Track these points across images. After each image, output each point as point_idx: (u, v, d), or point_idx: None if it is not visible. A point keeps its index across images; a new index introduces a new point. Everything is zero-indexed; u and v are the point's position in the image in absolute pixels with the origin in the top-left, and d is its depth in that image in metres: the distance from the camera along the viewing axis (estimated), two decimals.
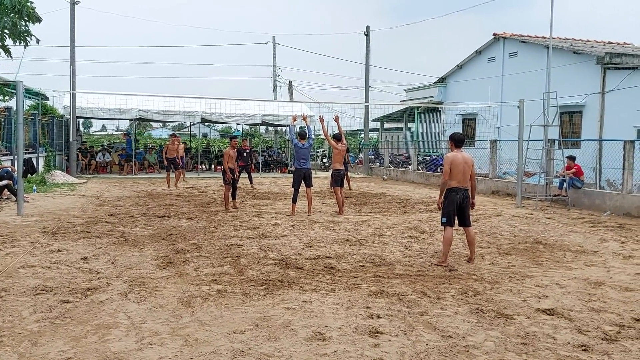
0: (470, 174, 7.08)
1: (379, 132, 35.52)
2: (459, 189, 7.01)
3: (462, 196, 7.03)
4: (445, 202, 7.07)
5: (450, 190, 7.03)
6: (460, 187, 7.02)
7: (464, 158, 7.06)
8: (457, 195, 7.00)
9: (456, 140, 7.18)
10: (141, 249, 7.65)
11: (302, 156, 11.44)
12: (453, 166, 6.98)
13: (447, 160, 7.06)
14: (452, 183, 7.02)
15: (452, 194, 7.02)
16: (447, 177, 7.03)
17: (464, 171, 7.01)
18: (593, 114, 17.83)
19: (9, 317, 4.70)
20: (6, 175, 12.82)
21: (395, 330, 4.54)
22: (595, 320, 4.89)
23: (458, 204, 7.02)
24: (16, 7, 13.34)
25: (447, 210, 7.04)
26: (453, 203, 7.02)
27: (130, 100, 22.33)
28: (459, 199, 7.01)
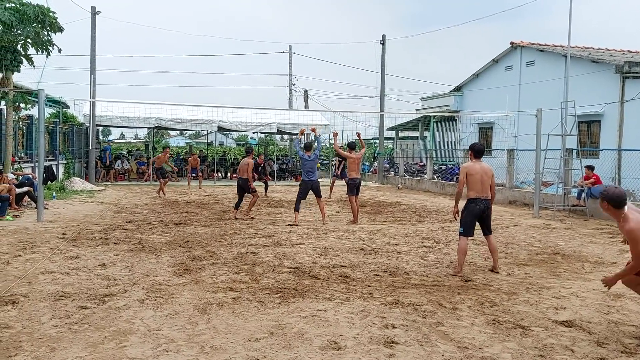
0: (490, 184, 7.02)
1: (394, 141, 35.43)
2: (479, 199, 6.95)
3: (483, 206, 6.98)
4: (465, 212, 7.03)
5: (470, 200, 6.99)
6: (480, 197, 6.96)
7: (482, 168, 7.00)
8: (476, 206, 6.95)
9: (475, 151, 7.12)
10: (158, 255, 7.72)
11: (309, 168, 11.33)
12: (469, 176, 6.95)
13: (462, 170, 7.06)
14: (470, 193, 6.99)
15: (471, 204, 6.98)
16: (460, 187, 7.03)
17: (482, 181, 6.94)
18: (612, 123, 17.61)
19: (28, 323, 4.77)
20: (27, 182, 13.06)
21: (410, 340, 4.52)
22: (615, 332, 4.82)
23: (478, 214, 6.98)
24: (39, 17, 13.65)
25: (465, 221, 7.00)
26: (472, 214, 6.97)
27: (149, 108, 22.61)
28: (480, 210, 6.96)
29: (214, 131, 26.25)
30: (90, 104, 21.65)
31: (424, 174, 23.68)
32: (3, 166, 13.73)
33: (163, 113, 22.95)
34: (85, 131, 23.44)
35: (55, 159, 18.98)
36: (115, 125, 25.27)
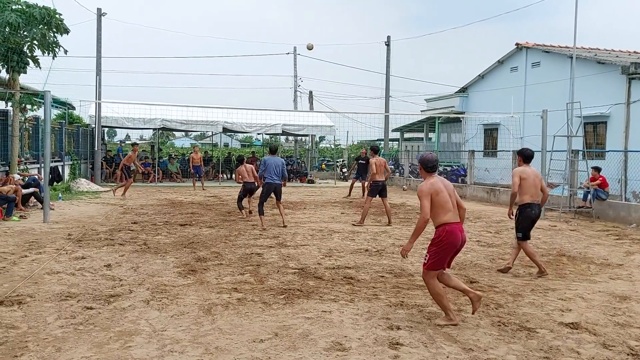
0: (540, 187, 7.09)
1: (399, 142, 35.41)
2: (533, 204, 7.02)
3: (537, 211, 7.09)
4: (520, 217, 7.08)
5: (526, 206, 7.02)
6: (534, 202, 7.03)
7: (533, 172, 7.12)
8: (532, 211, 7.02)
9: (525, 156, 7.20)
10: (163, 256, 7.74)
11: (274, 170, 10.92)
12: (523, 180, 6.96)
13: (516, 172, 7.05)
14: (525, 198, 7.01)
15: (527, 209, 7.02)
16: (516, 189, 6.98)
17: (535, 185, 7.02)
18: (618, 124, 17.52)
19: (34, 323, 4.79)
20: (33, 183, 13.12)
21: (415, 342, 4.51)
22: (621, 335, 4.79)
23: (534, 219, 7.09)
24: (45, 19, 13.71)
25: (523, 226, 7.07)
26: (529, 219, 7.06)
27: (154, 110, 22.69)
28: (535, 214, 7.07)
29: (219, 132, 26.30)
30: (96, 105, 21.75)
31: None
32: (9, 167, 13.80)
33: (168, 114, 23.01)
34: (91, 132, 23.54)
35: (61, 160, 19.07)
36: (121, 127, 25.39)
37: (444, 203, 4.98)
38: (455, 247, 5.01)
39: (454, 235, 4.94)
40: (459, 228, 5.02)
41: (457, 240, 4.97)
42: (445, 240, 4.95)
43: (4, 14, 13.08)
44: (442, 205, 4.98)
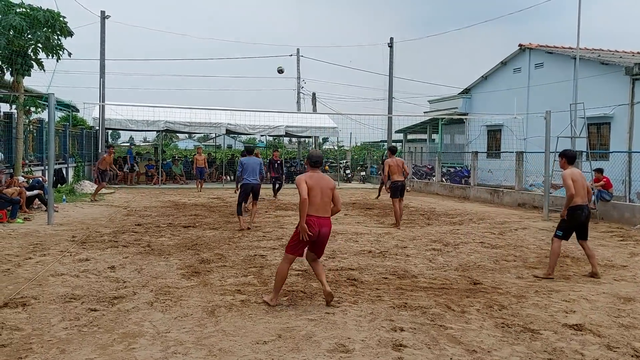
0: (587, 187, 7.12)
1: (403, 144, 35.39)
2: (584, 206, 6.99)
3: (587, 213, 7.06)
4: (569, 218, 7.01)
5: (576, 207, 6.95)
6: (584, 204, 7.00)
7: (580, 173, 7.11)
8: (582, 213, 6.98)
9: (569, 157, 7.16)
10: (167, 258, 7.75)
11: (251, 170, 10.86)
12: (574, 182, 6.93)
13: (567, 175, 6.99)
14: (577, 200, 6.94)
15: (577, 211, 6.96)
16: (573, 191, 6.88)
17: (584, 186, 7.02)
18: (622, 125, 17.49)
19: (38, 325, 4.81)
20: (37, 185, 13.17)
21: (418, 343, 4.51)
22: (625, 336, 4.78)
23: (582, 221, 7.03)
24: (49, 22, 13.78)
25: (567, 226, 7.02)
26: (577, 221, 7.00)
27: (158, 112, 22.74)
28: (584, 216, 7.02)
29: (222, 134, 26.34)
30: (99, 107, 21.82)
31: (432, 176, 23.62)
32: (14, 169, 13.85)
33: (172, 116, 23.07)
34: (94, 134, 23.62)
35: (65, 162, 19.13)
36: (125, 129, 25.43)
37: (313, 197, 5.40)
38: (310, 238, 5.38)
39: (310, 227, 5.35)
40: (320, 222, 5.40)
41: (312, 232, 5.36)
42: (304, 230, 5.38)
43: (8, 17, 13.15)
44: (311, 198, 5.42)
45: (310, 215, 5.38)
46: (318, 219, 5.41)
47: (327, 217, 5.49)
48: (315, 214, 5.41)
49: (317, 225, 5.39)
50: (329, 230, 5.52)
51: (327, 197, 5.47)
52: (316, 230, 5.38)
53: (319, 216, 5.42)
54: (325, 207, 5.46)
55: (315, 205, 5.41)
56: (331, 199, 5.53)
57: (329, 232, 5.53)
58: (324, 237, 5.49)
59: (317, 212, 5.41)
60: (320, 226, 5.40)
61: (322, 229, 5.42)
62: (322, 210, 5.44)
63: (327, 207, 5.48)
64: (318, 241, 5.48)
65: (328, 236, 5.55)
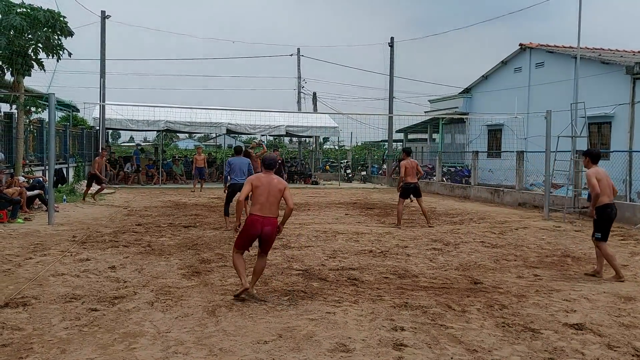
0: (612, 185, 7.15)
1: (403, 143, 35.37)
2: (612, 204, 7.02)
3: (615, 211, 7.08)
4: (600, 218, 6.99)
5: (605, 206, 6.97)
6: (612, 202, 7.04)
7: (604, 172, 7.15)
8: (612, 211, 7.00)
9: (594, 156, 7.21)
10: (167, 258, 7.75)
11: (239, 170, 10.81)
12: (599, 180, 6.95)
13: (591, 174, 7.01)
14: (603, 199, 6.96)
15: (607, 210, 6.97)
16: (598, 190, 6.90)
17: (609, 184, 7.06)
18: (622, 124, 17.46)
19: (39, 325, 4.81)
20: (38, 185, 13.17)
21: (419, 343, 4.51)
22: (626, 335, 4.78)
23: (613, 219, 7.07)
24: (50, 22, 13.78)
25: (604, 226, 6.98)
26: (609, 220, 7.00)
27: (158, 112, 22.73)
28: (614, 214, 7.06)
29: (222, 134, 26.36)
30: (100, 107, 21.83)
31: (432, 176, 23.62)
32: (14, 169, 13.86)
33: (172, 116, 23.07)
34: (95, 134, 23.62)
35: (65, 162, 19.13)
36: (125, 129, 25.45)
37: (258, 196, 5.64)
38: (252, 235, 5.65)
39: (253, 225, 5.60)
40: (263, 221, 5.60)
41: (254, 230, 5.61)
42: (245, 227, 5.68)
43: (8, 17, 13.15)
44: (255, 197, 5.66)
45: (254, 214, 5.63)
46: (262, 218, 5.61)
47: (271, 217, 5.66)
48: (259, 213, 5.63)
49: (260, 224, 5.60)
50: (273, 229, 5.67)
51: (274, 197, 5.68)
52: (259, 228, 5.59)
53: (262, 215, 5.62)
54: (271, 207, 5.66)
55: (259, 205, 5.63)
56: (279, 200, 5.74)
57: (273, 230, 5.68)
58: (267, 235, 5.66)
59: (261, 212, 5.63)
60: (263, 225, 5.60)
61: (264, 227, 5.60)
62: (267, 210, 5.64)
63: (272, 207, 5.67)
64: (262, 239, 5.69)
65: (272, 234, 5.70)
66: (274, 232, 5.74)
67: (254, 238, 5.73)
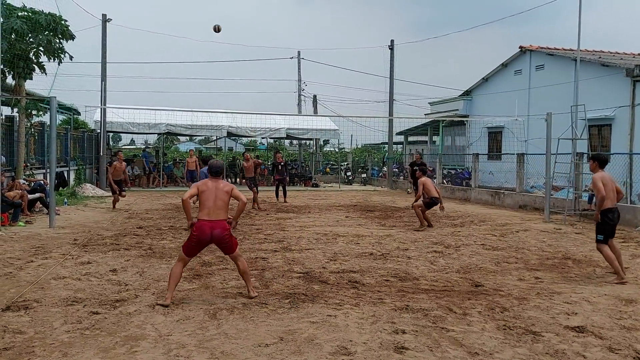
0: (616, 189, 7.26)
1: (403, 146, 35.39)
2: (615, 209, 7.12)
3: (618, 215, 7.20)
4: (603, 221, 7.08)
5: (608, 210, 7.06)
6: (615, 207, 7.14)
7: (610, 177, 7.27)
8: (614, 215, 7.10)
9: (601, 161, 7.33)
10: (169, 261, 7.76)
11: None
12: (604, 185, 7.05)
13: (597, 179, 7.12)
14: (607, 203, 7.05)
15: (610, 214, 7.07)
16: (604, 193, 7.00)
17: (613, 189, 7.16)
18: (623, 127, 17.46)
19: (40, 328, 4.82)
20: (39, 188, 13.19)
21: (420, 346, 4.51)
22: (627, 338, 4.78)
23: (616, 223, 7.16)
24: (51, 26, 13.83)
25: (606, 229, 7.08)
26: (612, 223, 7.09)
27: (159, 114, 22.75)
28: (616, 219, 7.14)
29: (223, 137, 26.36)
30: (101, 110, 21.83)
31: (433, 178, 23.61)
32: (15, 172, 13.88)
33: (173, 119, 23.08)
34: (96, 137, 23.63)
35: (66, 165, 19.15)
36: (126, 132, 25.47)
37: (205, 201, 5.64)
38: (202, 240, 5.61)
39: (202, 230, 5.57)
40: (212, 225, 5.58)
41: (204, 236, 5.57)
42: (193, 233, 5.62)
43: (9, 21, 13.18)
44: (202, 202, 5.65)
45: (201, 220, 5.62)
46: (210, 222, 5.60)
47: (220, 220, 5.66)
48: (207, 218, 5.62)
49: (209, 228, 5.59)
50: (222, 231, 5.65)
51: (222, 201, 5.70)
52: (208, 233, 5.57)
53: (210, 220, 5.62)
54: (218, 211, 5.67)
55: (207, 209, 5.64)
56: (227, 203, 5.77)
57: (223, 232, 5.65)
58: (219, 238, 5.64)
59: (209, 216, 5.63)
60: (212, 229, 5.59)
61: (214, 231, 5.59)
62: (214, 214, 5.64)
63: (220, 211, 5.68)
64: (215, 242, 5.68)
65: (223, 236, 5.67)
66: (225, 234, 5.70)
67: (204, 244, 5.69)
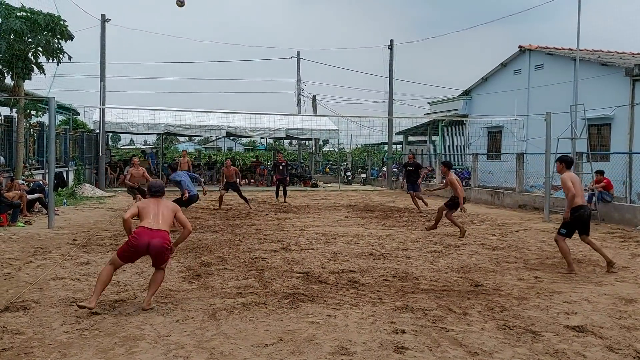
0: None
1: (403, 146, 35.40)
2: (585, 206, 7.45)
3: (589, 212, 7.53)
4: (573, 217, 7.36)
5: (579, 207, 7.35)
6: (585, 204, 7.49)
7: (577, 177, 7.63)
8: (585, 212, 7.40)
9: (568, 162, 7.68)
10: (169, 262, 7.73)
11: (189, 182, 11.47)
12: (573, 183, 7.36)
13: (567, 178, 7.44)
14: (577, 200, 7.36)
15: (580, 210, 7.36)
16: (574, 192, 7.31)
17: (582, 187, 7.57)
18: (622, 126, 17.48)
19: (39, 328, 4.81)
20: (38, 188, 13.17)
21: (420, 346, 4.50)
22: (627, 337, 4.77)
23: (586, 220, 7.43)
24: (50, 26, 13.81)
25: (571, 225, 7.41)
26: (581, 220, 7.38)
27: (158, 115, 22.74)
28: (587, 216, 7.45)
29: (222, 137, 26.39)
30: (100, 110, 21.83)
31: (432, 178, 23.62)
32: (14, 173, 13.86)
33: (172, 119, 23.07)
34: (95, 138, 23.63)
35: (65, 166, 19.14)
36: (125, 132, 25.46)
37: (146, 214, 5.52)
38: (138, 248, 5.37)
39: (140, 236, 5.36)
40: (151, 234, 5.37)
41: (141, 242, 5.35)
42: (130, 239, 5.42)
43: (8, 21, 13.17)
44: (143, 215, 5.51)
45: (141, 226, 5.43)
46: (150, 231, 5.39)
47: (161, 230, 5.44)
48: (147, 226, 5.42)
49: (148, 235, 5.35)
50: (161, 241, 5.38)
51: (163, 215, 5.54)
52: (145, 240, 5.32)
53: (151, 228, 5.41)
54: (159, 222, 5.47)
55: (148, 219, 5.46)
56: (171, 218, 5.63)
57: (161, 243, 5.38)
58: (156, 248, 5.37)
59: (150, 225, 5.43)
60: (151, 237, 5.35)
61: (152, 240, 5.34)
62: (155, 224, 5.45)
63: (162, 223, 5.48)
64: (151, 253, 5.43)
65: (161, 248, 5.39)
66: (164, 247, 5.41)
67: (140, 252, 5.42)
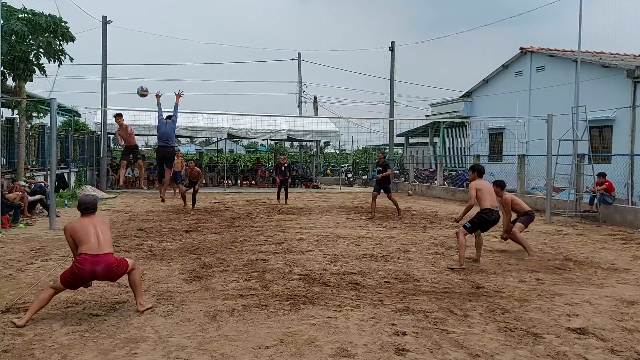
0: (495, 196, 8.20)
1: (404, 147, 35.40)
2: (493, 210, 7.92)
3: (496, 216, 8.00)
4: (478, 217, 7.92)
5: (486, 210, 7.87)
6: (493, 208, 7.95)
7: (487, 184, 8.19)
8: (492, 214, 7.89)
9: (479, 172, 8.16)
10: (169, 263, 7.75)
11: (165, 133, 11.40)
12: (478, 191, 7.90)
13: (472, 186, 8.03)
14: (484, 204, 7.89)
15: (487, 213, 7.87)
16: (473, 202, 7.92)
17: (491, 193, 8.07)
18: (624, 128, 17.47)
19: (40, 330, 4.80)
20: (39, 190, 13.19)
21: (421, 348, 4.49)
22: (629, 340, 4.76)
23: (490, 222, 7.94)
24: (51, 27, 13.83)
25: (476, 223, 7.92)
26: (486, 220, 7.90)
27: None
28: (493, 219, 7.93)
29: (224, 138, 26.38)
30: (101, 112, 21.87)
31: (434, 180, 23.62)
32: (16, 174, 13.87)
33: None
34: (96, 139, 23.65)
35: (67, 167, 19.15)
36: None
37: (83, 237, 5.20)
38: (82, 277, 5.12)
39: (82, 265, 5.08)
40: (95, 260, 5.11)
41: (83, 273, 5.09)
42: (74, 268, 5.12)
43: (10, 23, 13.19)
44: (81, 240, 5.20)
45: (82, 253, 5.14)
46: (93, 257, 5.12)
47: (105, 253, 5.21)
48: (89, 252, 5.13)
49: (90, 263, 5.09)
50: (107, 264, 5.17)
51: (104, 233, 5.32)
52: (88, 268, 5.07)
53: (94, 254, 5.14)
54: (102, 245, 5.23)
55: (89, 244, 5.16)
56: (110, 235, 5.45)
57: (108, 266, 5.18)
58: (101, 275, 5.19)
59: (91, 250, 5.14)
60: (94, 264, 5.10)
61: (96, 267, 5.11)
62: (98, 248, 5.19)
63: (102, 241, 5.26)
64: (98, 278, 5.26)
65: (109, 272, 5.21)
66: (112, 268, 5.20)
67: (85, 280, 5.19)
